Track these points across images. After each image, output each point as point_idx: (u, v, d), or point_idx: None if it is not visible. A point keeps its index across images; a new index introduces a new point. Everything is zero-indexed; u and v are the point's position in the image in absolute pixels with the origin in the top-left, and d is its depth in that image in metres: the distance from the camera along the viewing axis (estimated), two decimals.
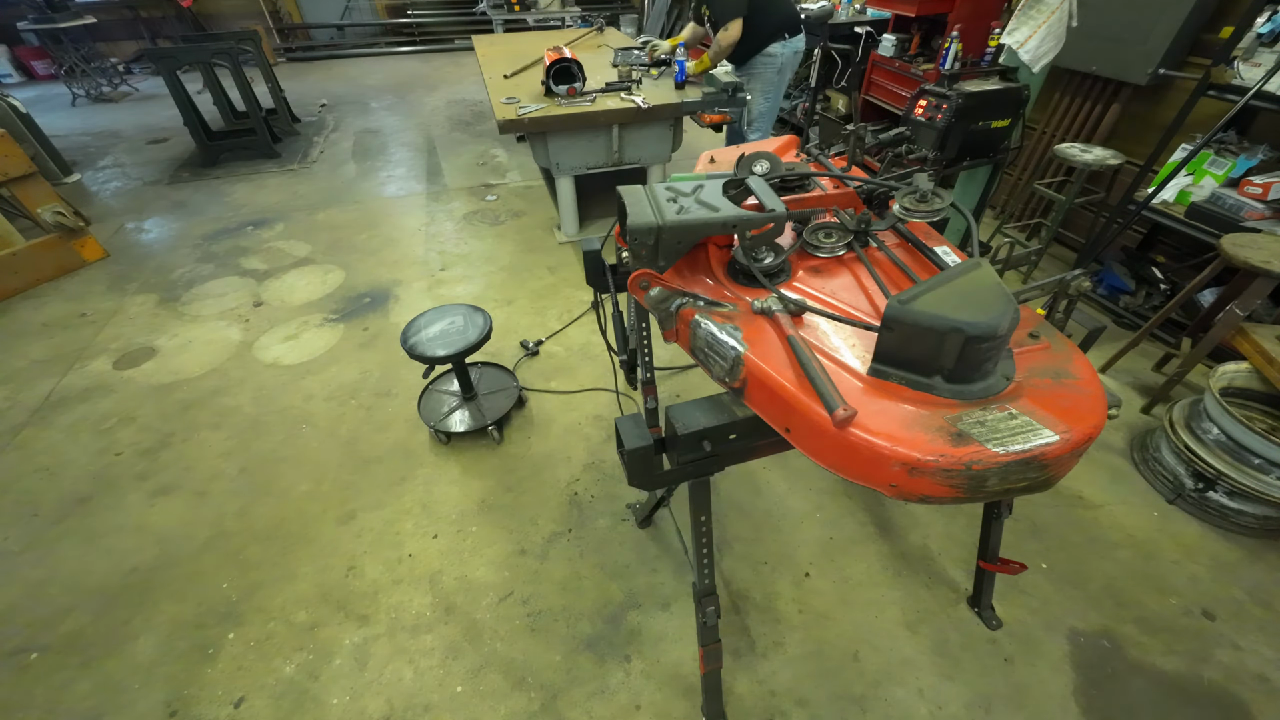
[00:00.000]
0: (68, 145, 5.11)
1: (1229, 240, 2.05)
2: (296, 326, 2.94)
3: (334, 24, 8.56)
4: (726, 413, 1.07)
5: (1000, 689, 1.54)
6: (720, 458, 1.14)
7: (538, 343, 2.75)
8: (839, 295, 1.15)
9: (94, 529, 1.99)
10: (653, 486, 1.18)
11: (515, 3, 6.81)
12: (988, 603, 1.68)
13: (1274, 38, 2.13)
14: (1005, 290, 0.84)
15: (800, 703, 1.52)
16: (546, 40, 4.56)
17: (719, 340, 1.03)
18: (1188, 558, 1.84)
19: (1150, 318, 2.46)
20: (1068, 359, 0.96)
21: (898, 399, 0.88)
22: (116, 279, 3.36)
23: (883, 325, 0.87)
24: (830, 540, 1.91)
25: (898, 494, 0.83)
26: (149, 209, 4.17)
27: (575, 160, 3.33)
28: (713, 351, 1.06)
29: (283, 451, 2.26)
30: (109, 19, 7.22)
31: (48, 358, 2.76)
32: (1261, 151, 2.32)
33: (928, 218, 1.26)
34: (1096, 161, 2.69)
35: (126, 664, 1.63)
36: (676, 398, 2.44)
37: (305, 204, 4.17)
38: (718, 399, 1.10)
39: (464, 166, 4.76)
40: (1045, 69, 3.29)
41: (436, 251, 3.56)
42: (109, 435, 2.34)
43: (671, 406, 1.08)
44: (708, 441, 1.07)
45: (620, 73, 3.44)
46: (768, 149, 1.92)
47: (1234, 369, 2.00)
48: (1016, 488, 0.81)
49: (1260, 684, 1.54)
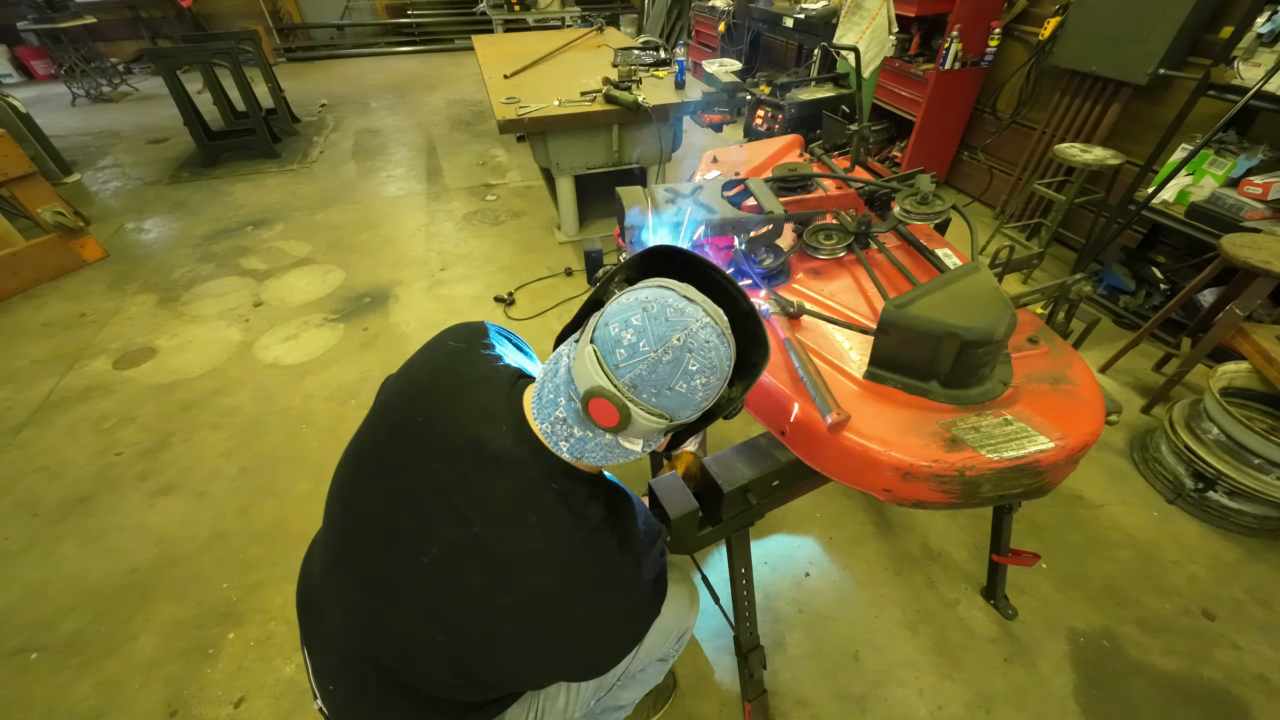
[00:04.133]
0: (68, 145, 5.11)
1: (1229, 240, 2.05)
2: (296, 326, 2.94)
3: (334, 24, 8.55)
4: (768, 459, 1.01)
5: (1000, 689, 1.54)
6: (762, 504, 1.06)
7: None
8: (838, 297, 1.15)
9: (94, 529, 1.99)
10: (695, 549, 1.10)
11: (515, 3, 6.79)
12: (1002, 593, 1.69)
13: (1274, 38, 2.12)
14: (1003, 295, 0.84)
15: (800, 703, 1.52)
16: (546, 40, 4.55)
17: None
18: (1188, 558, 1.84)
19: (1150, 318, 2.45)
20: (1067, 364, 0.96)
21: (893, 403, 0.88)
22: (116, 279, 3.36)
23: (878, 329, 0.87)
24: (830, 540, 1.91)
25: (892, 498, 0.83)
26: (149, 209, 4.17)
27: (575, 160, 3.32)
28: None
29: (283, 451, 2.26)
30: (109, 19, 7.20)
31: (48, 358, 2.76)
32: (1261, 151, 2.31)
33: (929, 220, 1.26)
34: (1096, 161, 2.68)
35: (126, 664, 1.63)
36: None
37: (305, 204, 4.17)
38: (754, 444, 1.04)
39: (464, 166, 4.76)
40: (875, 74, 3.31)
41: (436, 251, 3.56)
42: (109, 435, 2.35)
43: (710, 459, 1.00)
44: (752, 494, 1.01)
45: (621, 73, 3.44)
46: (771, 149, 1.92)
47: (1234, 369, 1.99)
48: (1011, 494, 0.81)
49: (1260, 684, 1.54)
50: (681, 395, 0.65)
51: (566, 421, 0.70)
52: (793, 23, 4.51)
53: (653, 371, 0.63)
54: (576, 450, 0.71)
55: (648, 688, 1.20)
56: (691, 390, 0.65)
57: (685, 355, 0.63)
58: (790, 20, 4.52)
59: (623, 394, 0.64)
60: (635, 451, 0.71)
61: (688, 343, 0.63)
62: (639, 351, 0.63)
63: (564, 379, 0.70)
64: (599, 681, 0.98)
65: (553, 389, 0.71)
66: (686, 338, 0.63)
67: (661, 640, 1.06)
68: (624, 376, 0.64)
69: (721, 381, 0.68)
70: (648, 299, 0.65)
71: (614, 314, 0.66)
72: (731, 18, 5.73)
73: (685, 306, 0.65)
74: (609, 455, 0.71)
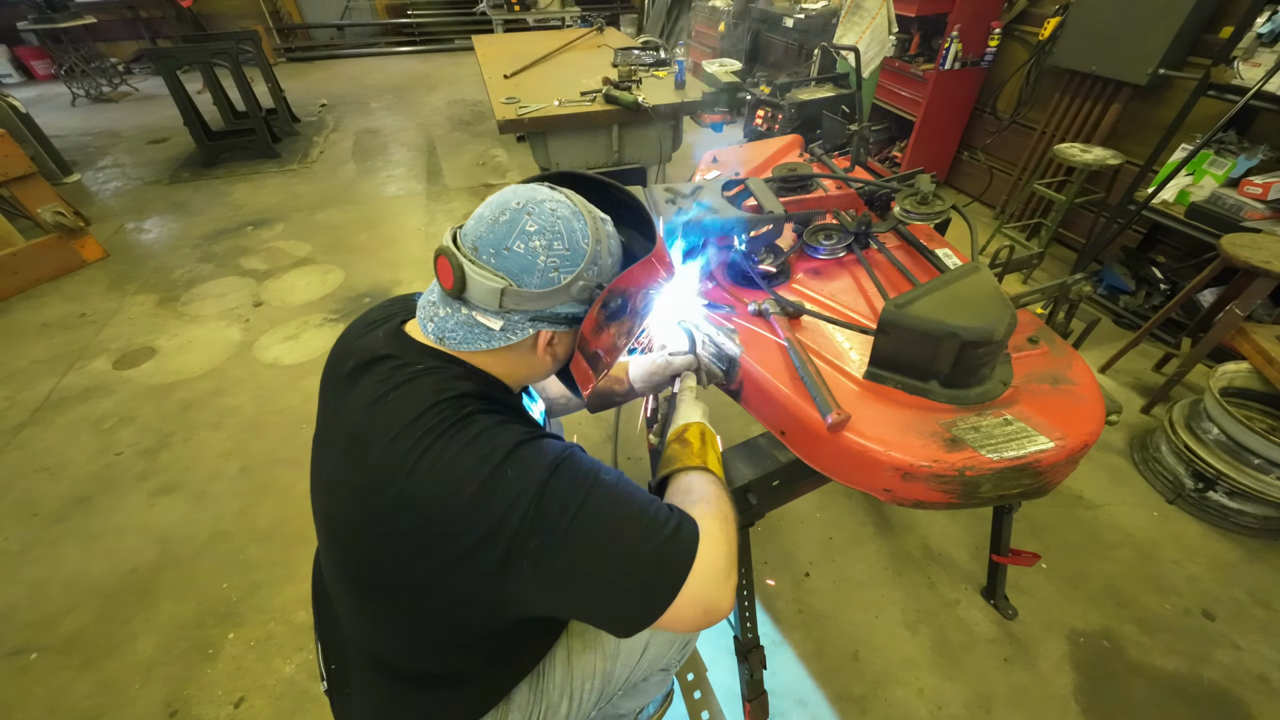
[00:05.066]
0: (68, 145, 5.11)
1: (1229, 240, 2.05)
2: (296, 326, 2.94)
3: (334, 24, 8.55)
4: (768, 459, 1.01)
5: (1000, 689, 1.54)
6: (762, 504, 1.06)
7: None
8: (838, 297, 1.15)
9: (94, 529, 1.99)
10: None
11: (515, 3, 6.79)
12: (1002, 593, 1.69)
13: (1274, 38, 2.12)
14: (1003, 295, 0.84)
15: (800, 703, 1.52)
16: (546, 40, 4.55)
17: (717, 342, 1.03)
18: (1188, 558, 1.84)
19: (1150, 318, 2.45)
20: (1067, 364, 0.96)
21: (893, 403, 0.88)
22: (116, 279, 3.36)
23: (879, 329, 0.87)
24: (830, 540, 1.91)
25: (892, 498, 0.83)
26: (149, 209, 4.17)
27: (575, 160, 3.32)
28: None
29: (283, 452, 2.26)
30: (109, 19, 7.20)
31: (48, 358, 2.76)
32: (1261, 151, 2.31)
33: (929, 220, 1.26)
34: (1096, 161, 2.68)
35: (126, 664, 1.63)
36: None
37: (305, 204, 4.17)
38: (754, 444, 1.03)
39: (464, 166, 4.76)
40: (875, 74, 3.30)
41: None
42: (109, 435, 2.35)
43: None
44: (752, 494, 1.01)
45: (621, 73, 3.44)
46: (771, 149, 1.92)
47: (1234, 369, 1.99)
48: (1011, 494, 0.81)
49: (1260, 684, 1.54)
50: (520, 256, 0.67)
51: (434, 303, 0.74)
52: (793, 23, 4.50)
53: (490, 231, 0.68)
54: (439, 330, 0.73)
55: (649, 697, 1.19)
56: (531, 252, 0.67)
57: (523, 217, 0.67)
58: (790, 20, 4.52)
59: (461, 252, 0.68)
60: (493, 330, 0.72)
61: (527, 206, 0.68)
62: (483, 218, 0.69)
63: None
64: (601, 689, 0.97)
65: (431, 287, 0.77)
66: (527, 203, 0.68)
67: (664, 650, 1.04)
68: (467, 240, 0.69)
69: (575, 255, 0.69)
70: (515, 189, 0.71)
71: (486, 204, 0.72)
72: (731, 18, 5.73)
73: (536, 188, 0.70)
74: (469, 335, 0.72)
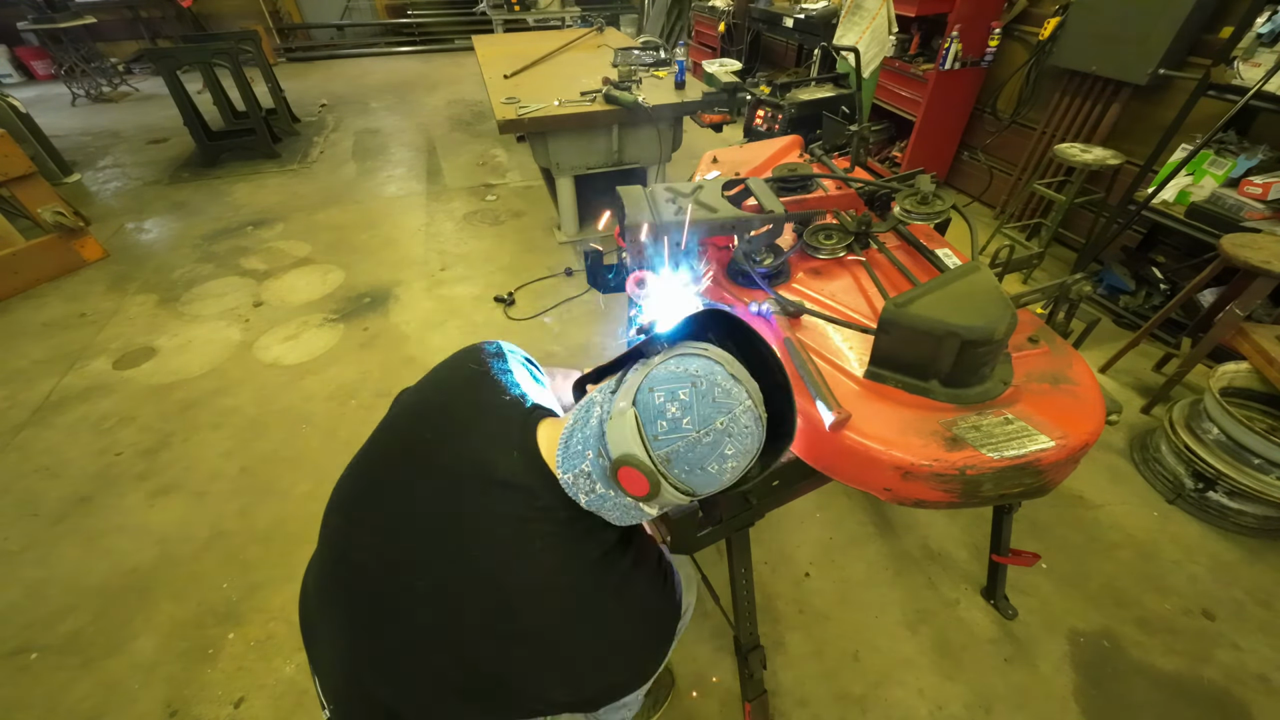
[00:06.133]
0: (68, 145, 5.11)
1: (1229, 240, 2.05)
2: (296, 326, 2.94)
3: (334, 24, 8.55)
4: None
5: (1000, 689, 1.54)
6: (762, 504, 1.07)
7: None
8: (838, 297, 1.15)
9: (94, 529, 1.99)
10: (695, 549, 1.10)
11: (515, 3, 6.79)
12: (1002, 594, 1.69)
13: (1274, 38, 2.12)
14: (1003, 294, 0.84)
15: (800, 703, 1.52)
16: (546, 40, 4.55)
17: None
18: (1188, 558, 1.84)
19: (1150, 318, 2.45)
20: (1067, 363, 0.96)
21: (893, 402, 0.88)
22: (116, 279, 3.36)
23: (879, 328, 0.87)
24: (830, 540, 1.91)
25: (892, 498, 0.83)
26: (149, 209, 4.17)
27: (575, 160, 3.32)
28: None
29: (283, 452, 2.26)
30: (109, 19, 7.21)
31: (48, 358, 2.76)
32: (1261, 151, 2.31)
33: (929, 220, 1.26)
34: (1096, 161, 2.68)
35: (126, 664, 1.63)
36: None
37: (305, 204, 4.17)
38: None
39: (464, 166, 4.76)
40: (875, 74, 3.30)
41: (436, 251, 3.56)
42: (109, 435, 2.35)
43: None
44: (752, 495, 1.01)
45: (621, 73, 3.44)
46: (771, 149, 1.92)
47: (1234, 369, 1.99)
48: (1012, 493, 0.81)
49: (1260, 684, 1.54)
50: (711, 475, 0.64)
51: (590, 476, 0.69)
52: (793, 23, 4.51)
53: (690, 450, 0.62)
54: (594, 504, 0.70)
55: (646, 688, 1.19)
56: (721, 472, 0.64)
57: (725, 439, 0.62)
58: (790, 20, 4.53)
59: (656, 467, 0.62)
60: (651, 515, 0.70)
61: (729, 427, 0.62)
62: (681, 429, 0.61)
63: (595, 433, 0.68)
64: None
65: (581, 440, 0.69)
66: (729, 422, 0.62)
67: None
68: (660, 450, 0.62)
69: (749, 465, 0.67)
70: (698, 373, 0.63)
71: (660, 381, 0.64)
72: (731, 18, 5.73)
73: (732, 388, 0.63)
74: (624, 516, 0.70)
